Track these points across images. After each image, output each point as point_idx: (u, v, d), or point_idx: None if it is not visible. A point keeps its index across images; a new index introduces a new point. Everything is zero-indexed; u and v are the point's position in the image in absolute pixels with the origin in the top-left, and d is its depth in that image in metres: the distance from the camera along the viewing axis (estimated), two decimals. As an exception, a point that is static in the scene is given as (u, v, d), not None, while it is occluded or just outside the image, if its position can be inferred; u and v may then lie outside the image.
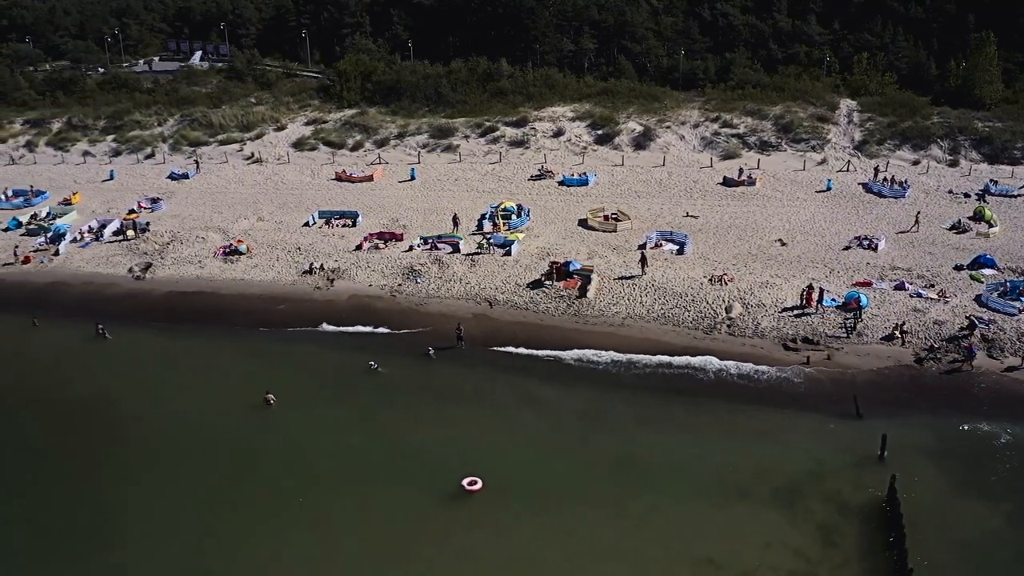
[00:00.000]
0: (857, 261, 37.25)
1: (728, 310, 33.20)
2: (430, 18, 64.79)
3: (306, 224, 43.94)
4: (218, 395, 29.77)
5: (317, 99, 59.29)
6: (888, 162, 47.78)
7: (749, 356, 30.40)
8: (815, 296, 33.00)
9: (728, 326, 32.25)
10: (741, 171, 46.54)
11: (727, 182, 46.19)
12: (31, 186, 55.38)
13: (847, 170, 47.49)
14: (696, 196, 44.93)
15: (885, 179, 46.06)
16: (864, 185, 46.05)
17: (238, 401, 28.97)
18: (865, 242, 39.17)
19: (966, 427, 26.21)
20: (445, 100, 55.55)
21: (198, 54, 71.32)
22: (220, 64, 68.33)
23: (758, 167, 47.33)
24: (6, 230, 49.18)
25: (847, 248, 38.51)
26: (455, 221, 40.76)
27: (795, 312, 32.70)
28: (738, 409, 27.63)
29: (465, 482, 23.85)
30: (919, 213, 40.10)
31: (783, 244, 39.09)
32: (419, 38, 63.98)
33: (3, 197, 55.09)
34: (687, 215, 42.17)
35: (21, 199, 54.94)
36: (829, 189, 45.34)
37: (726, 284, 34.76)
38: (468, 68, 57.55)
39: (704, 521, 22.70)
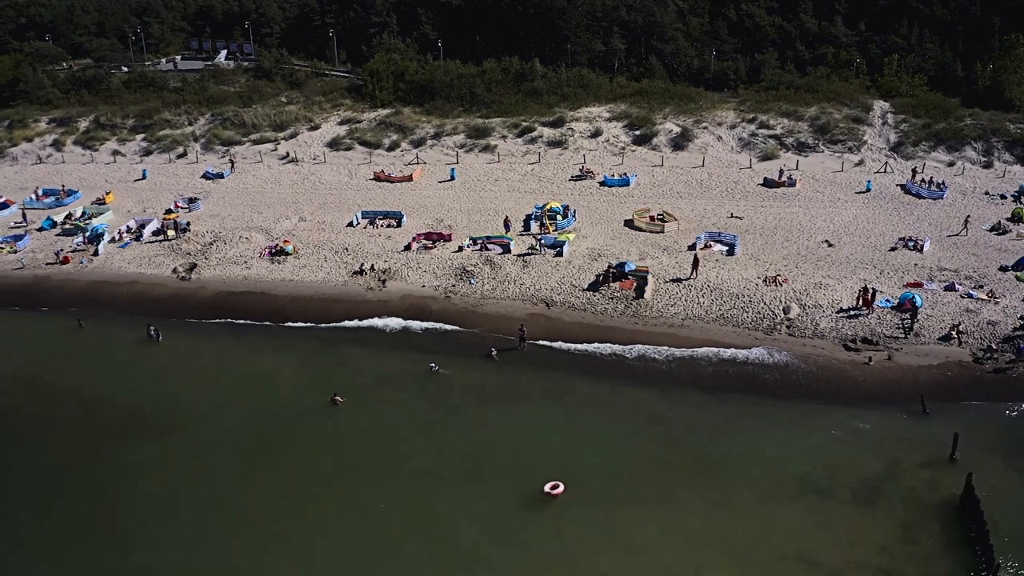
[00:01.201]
0: (904, 262, 37.50)
1: (786, 311, 33.38)
2: (458, 18, 64.73)
3: (350, 224, 43.87)
4: (281, 396, 29.70)
5: (349, 98, 59.11)
6: (924, 164, 48.09)
7: (812, 356, 30.72)
8: (870, 297, 33.32)
9: (788, 327, 32.42)
10: (781, 172, 46.73)
11: (767, 183, 46.39)
12: (62, 185, 55.12)
13: (884, 171, 47.81)
14: (738, 197, 45.10)
15: (923, 180, 46.37)
16: (902, 186, 46.34)
17: (303, 402, 28.94)
18: (911, 243, 39.44)
19: (1033, 425, 26.56)
20: (480, 100, 55.52)
21: (223, 53, 70.98)
22: (246, 63, 68.05)
23: (796, 168, 47.61)
24: (40, 230, 48.92)
25: (893, 249, 38.75)
26: (507, 224, 40.72)
27: (850, 313, 33.01)
28: (806, 408, 27.82)
29: (548, 486, 23.85)
30: (968, 217, 40.38)
31: (830, 245, 39.28)
32: (447, 38, 63.91)
33: (33, 197, 54.91)
34: (731, 216, 42.34)
35: (52, 199, 54.72)
36: (869, 190, 45.60)
37: (780, 285, 34.97)
38: (501, 68, 57.54)
39: (789, 520, 22.86)
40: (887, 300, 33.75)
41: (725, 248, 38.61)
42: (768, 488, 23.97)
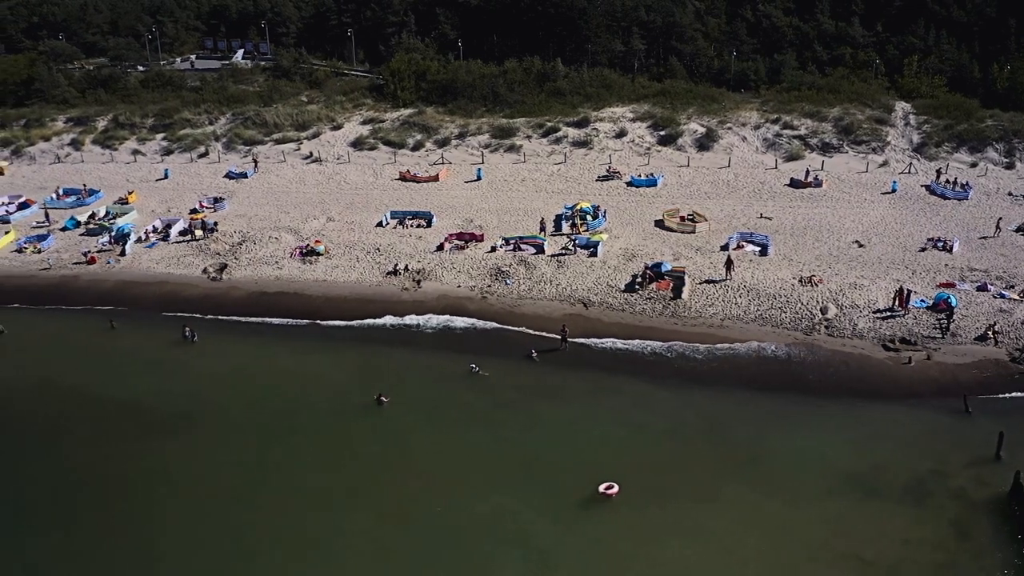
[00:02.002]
0: (935, 263, 37.70)
1: (824, 311, 33.55)
2: (476, 18, 64.76)
3: (379, 224, 43.89)
4: (326, 397, 29.61)
5: (370, 98, 59.09)
6: (948, 164, 48.34)
7: (852, 356, 30.93)
8: (905, 297, 33.51)
9: (826, 327, 32.61)
10: (807, 173, 46.91)
11: (794, 183, 46.56)
12: (84, 185, 54.92)
13: (909, 172, 48.05)
14: (765, 197, 45.27)
15: (947, 181, 46.61)
16: (927, 187, 46.57)
17: (349, 402, 28.91)
18: (940, 243, 39.67)
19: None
20: (502, 100, 55.58)
21: (240, 52, 70.92)
22: (264, 63, 67.96)
23: (822, 169, 47.81)
24: (64, 229, 48.77)
25: (923, 250, 38.96)
26: (543, 225, 40.74)
27: (886, 314, 33.18)
28: (850, 406, 28.02)
29: (602, 487, 23.96)
30: (1000, 219, 40.59)
31: (861, 246, 39.48)
32: (465, 38, 63.92)
33: (54, 196, 54.72)
34: (761, 216, 42.50)
35: (74, 198, 54.57)
36: (894, 191, 45.82)
37: (816, 285, 35.15)
38: (523, 68, 57.61)
39: (841, 519, 23.00)
40: (922, 300, 33.95)
41: (758, 248, 38.79)
42: (819, 486, 24.14)
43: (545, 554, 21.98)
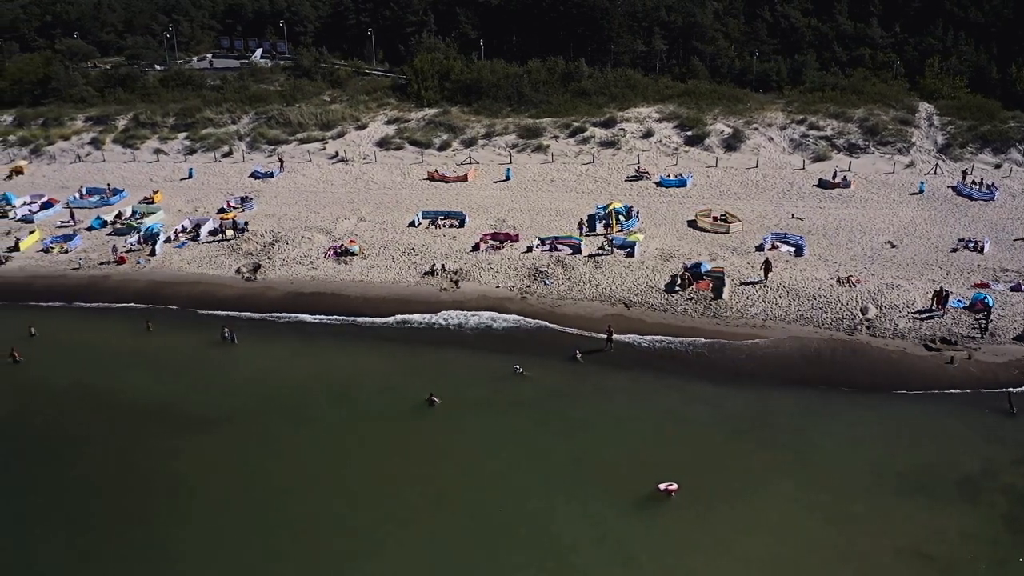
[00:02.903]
0: (967, 263, 37.98)
1: (864, 311, 33.78)
2: (497, 17, 64.77)
3: (411, 224, 43.94)
4: (376, 398, 29.57)
5: (393, 98, 59.07)
6: (973, 165, 48.66)
7: (895, 356, 31.12)
8: (944, 298, 33.77)
9: (867, 327, 32.86)
10: (836, 173, 47.15)
11: (823, 184, 46.79)
12: (108, 184, 54.81)
13: (934, 173, 48.35)
14: (795, 198, 45.48)
15: (973, 182, 46.93)
16: (953, 188, 46.88)
17: (401, 404, 28.84)
18: (970, 244, 39.98)
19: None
20: (527, 100, 55.63)
21: (259, 51, 70.72)
22: (283, 62, 67.83)
23: (849, 169, 48.05)
24: (90, 229, 48.66)
25: (954, 250, 39.23)
26: (581, 226, 40.81)
27: (924, 314, 33.41)
28: (895, 405, 28.32)
29: (661, 485, 24.11)
30: None
31: (893, 246, 39.73)
32: (486, 37, 63.89)
33: (77, 195, 54.56)
34: (792, 217, 42.71)
35: (97, 197, 54.42)
36: (922, 192, 46.11)
37: (854, 286, 35.38)
38: (547, 68, 57.66)
39: (896, 515, 23.27)
40: (959, 301, 34.23)
41: (792, 249, 39.01)
42: (872, 483, 24.43)
43: (613, 553, 22.08)
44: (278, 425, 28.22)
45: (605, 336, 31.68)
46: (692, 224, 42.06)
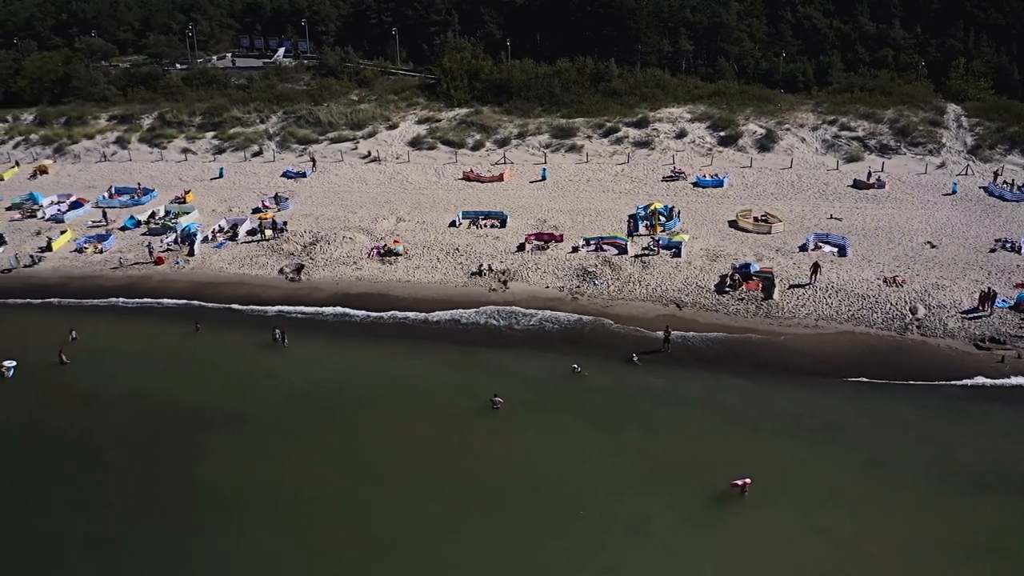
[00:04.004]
0: (1007, 263, 38.39)
1: (913, 311, 34.17)
2: (521, 17, 64.89)
3: (452, 224, 44.04)
4: (438, 400, 29.50)
5: (422, 97, 59.12)
6: (1003, 166, 49.19)
7: (947, 355, 31.49)
8: (991, 298, 34.18)
9: (918, 327, 33.25)
10: (870, 174, 47.55)
11: (857, 184, 47.18)
12: (138, 184, 54.61)
13: (965, 174, 48.84)
14: (831, 198, 45.85)
15: (1005, 183, 47.42)
16: (985, 188, 47.37)
17: (464, 405, 28.83)
18: (1008, 244, 40.43)
19: None
20: (558, 100, 55.79)
21: (282, 50, 70.60)
22: (307, 61, 67.71)
23: (882, 170, 48.47)
24: (123, 229, 48.45)
25: (992, 251, 39.64)
26: (631, 229, 40.95)
27: (971, 314, 33.80)
28: (954, 403, 28.66)
29: (736, 480, 24.22)
30: None
31: (933, 247, 40.14)
32: (511, 37, 63.97)
33: (105, 195, 54.28)
34: (831, 217, 43.08)
35: (127, 197, 54.18)
36: (955, 192, 46.58)
37: (900, 286, 35.76)
38: (576, 68, 57.83)
39: (973, 513, 23.47)
40: (1004, 300, 34.66)
41: (835, 249, 39.36)
42: (942, 482, 24.70)
43: (693, 550, 22.30)
44: (340, 429, 28.07)
45: (662, 336, 31.94)
46: (733, 224, 42.35)
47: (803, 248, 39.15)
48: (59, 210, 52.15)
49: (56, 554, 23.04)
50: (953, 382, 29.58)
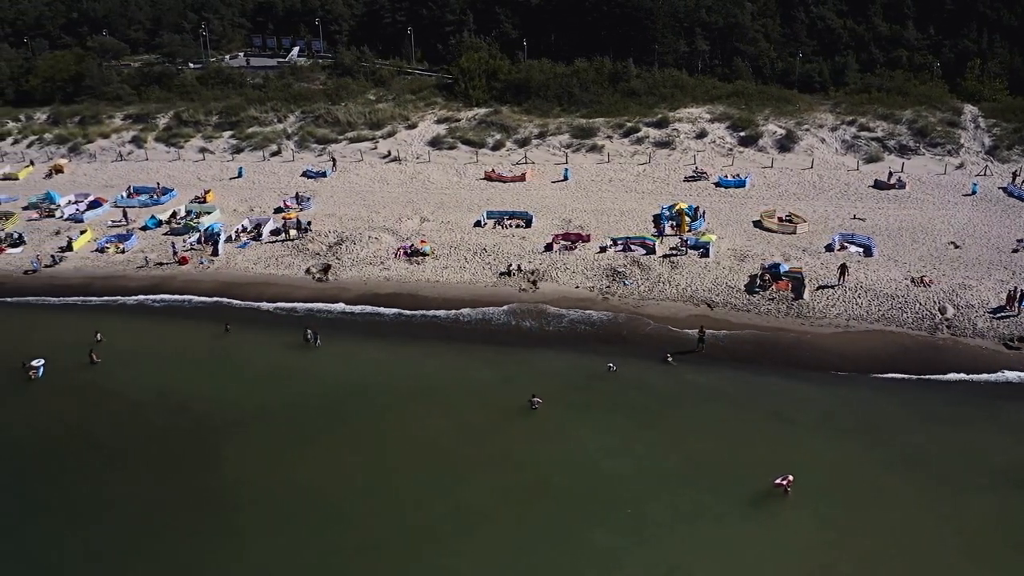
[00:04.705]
0: (1030, 262, 38.83)
1: (942, 311, 34.44)
2: (537, 17, 64.97)
3: (477, 224, 44.14)
4: (476, 400, 29.51)
5: (440, 97, 59.18)
6: (1021, 167, 49.46)
7: (978, 354, 31.67)
8: (1018, 298, 34.47)
9: (948, 326, 33.51)
10: (891, 174, 47.85)
11: (878, 185, 47.44)
12: (158, 183, 54.54)
13: (984, 174, 49.15)
14: (853, 199, 46.08)
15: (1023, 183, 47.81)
16: (1004, 189, 47.68)
17: (503, 406, 28.86)
18: (1030, 244, 40.78)
19: None
20: (577, 100, 55.91)
21: (296, 50, 70.50)
22: (322, 60, 67.65)
23: (902, 170, 48.75)
24: (144, 228, 48.38)
25: (1015, 251, 39.89)
26: (661, 230, 41.11)
27: (998, 313, 34.06)
28: (987, 402, 28.88)
29: (777, 479, 24.48)
30: None
31: (956, 247, 40.41)
32: (527, 37, 64.04)
33: (123, 195, 54.15)
34: (854, 218, 43.32)
35: (146, 196, 54.09)
36: (974, 193, 46.88)
37: (928, 286, 36.03)
38: (594, 68, 57.98)
39: (1013, 510, 23.66)
40: (1031, 300, 34.97)
41: (860, 249, 39.60)
42: (982, 481, 24.85)
43: (737, 549, 22.44)
44: (379, 429, 28.05)
45: (696, 336, 32.11)
46: (758, 224, 42.53)
47: (829, 248, 39.39)
48: (77, 210, 52.06)
49: (91, 553, 23.12)
50: (986, 376, 29.91)
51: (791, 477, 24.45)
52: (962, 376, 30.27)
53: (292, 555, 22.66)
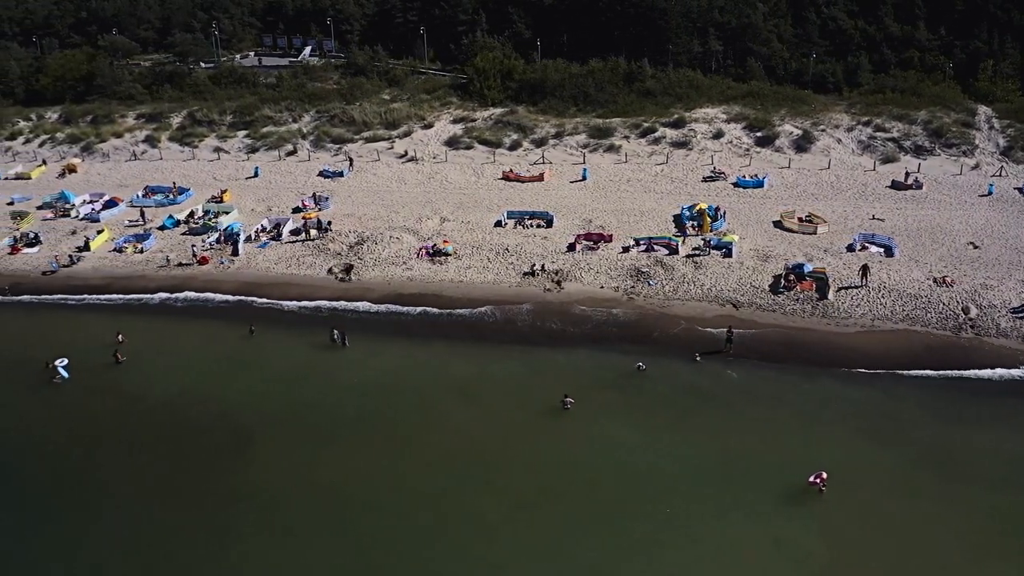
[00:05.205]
0: (1049, 263, 39.09)
1: (966, 311, 34.68)
2: (549, 17, 65.04)
3: (497, 224, 44.22)
4: (508, 400, 29.63)
5: (455, 96, 59.21)
6: (1036, 167, 49.87)
7: (1002, 354, 31.87)
8: (1039, 297, 34.76)
9: (971, 326, 33.75)
10: (907, 175, 48.08)
11: (895, 185, 47.63)
12: (174, 183, 54.47)
13: (1000, 175, 49.42)
14: (871, 199, 46.27)
15: (1039, 184, 48.09)
16: (1020, 190, 47.88)
17: (536, 406, 28.98)
18: (1048, 244, 41.04)
19: None
20: (592, 100, 56.01)
21: (308, 49, 70.43)
22: (335, 60, 67.61)
23: (919, 171, 48.99)
24: (162, 228, 48.33)
25: (1034, 251, 40.37)
26: (689, 224, 41.30)
27: (1019, 312, 34.33)
28: (1017, 402, 29.01)
29: (811, 477, 24.70)
30: None
31: (975, 247, 40.65)
32: (539, 37, 64.14)
33: (139, 194, 54.05)
34: (873, 218, 43.53)
35: (161, 196, 54.01)
36: (991, 193, 47.13)
37: (950, 286, 36.26)
38: (609, 68, 58.09)
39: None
40: (1053, 300, 35.24)
41: (881, 249, 39.83)
42: (1016, 480, 25.00)
43: (776, 548, 22.68)
44: (413, 431, 28.09)
45: (724, 336, 32.25)
46: (778, 225, 42.70)
47: (851, 248, 39.57)
48: (93, 209, 52.00)
49: (124, 552, 23.31)
50: (1013, 372, 30.26)
51: (824, 475, 24.69)
52: (988, 373, 30.50)
53: (328, 554, 22.83)
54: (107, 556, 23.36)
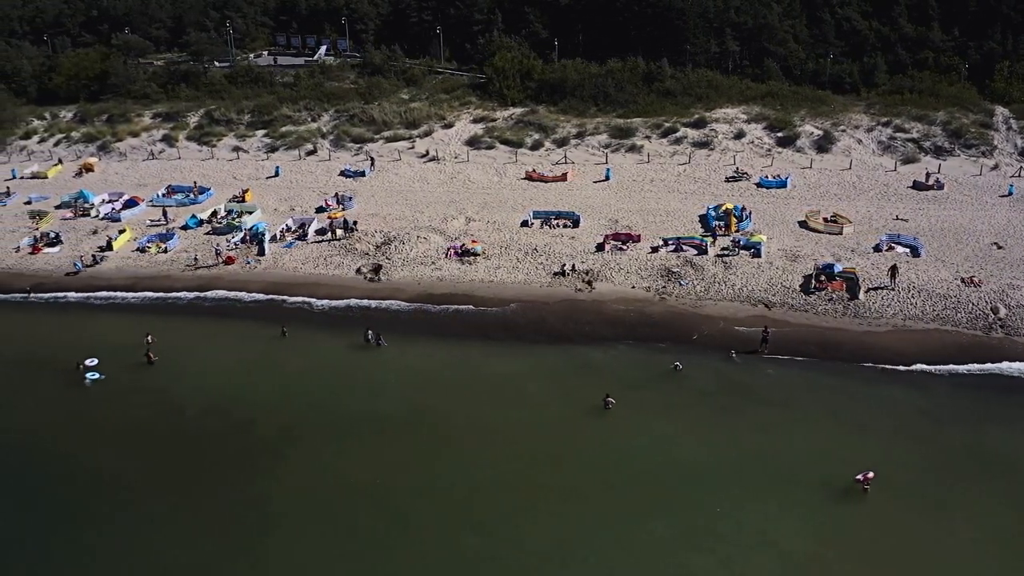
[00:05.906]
0: (1072, 264, 39.45)
1: (995, 311, 35.00)
2: (566, 16, 65.14)
3: (524, 224, 44.36)
4: (549, 401, 29.76)
5: (474, 96, 59.26)
6: (1054, 168, 50.22)
7: (1035, 355, 32.42)
8: (1067, 297, 35.10)
9: (1001, 326, 34.08)
10: (928, 175, 48.41)
11: (916, 186, 47.95)
12: (195, 182, 54.42)
13: (1019, 175, 49.78)
14: (893, 199, 46.57)
15: (1057, 184, 48.44)
16: (1037, 190, 48.45)
17: (578, 406, 29.14)
18: (1071, 245, 41.40)
19: None
20: (613, 100, 56.14)
21: (323, 48, 70.33)
22: (351, 60, 67.55)
23: (939, 171, 49.33)
24: (184, 228, 48.27)
25: (1057, 251, 40.73)
26: (715, 231, 41.43)
27: (1046, 313, 34.76)
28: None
29: (859, 476, 25.00)
30: None
31: (999, 248, 40.99)
32: (555, 36, 64.24)
33: (159, 194, 53.94)
34: (897, 218, 43.83)
35: (182, 195, 53.92)
36: (1011, 194, 47.49)
37: (978, 286, 36.57)
38: (628, 68, 58.27)
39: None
40: (1080, 300, 35.57)
41: (907, 250, 40.12)
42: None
43: (825, 546, 22.88)
44: (459, 431, 28.24)
45: (760, 336, 32.45)
46: (803, 225, 42.98)
47: (877, 248, 39.87)
48: (113, 209, 51.94)
49: (163, 550, 23.47)
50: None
51: (871, 474, 24.97)
52: (1020, 368, 30.81)
53: (369, 553, 23.02)
54: (153, 558, 23.42)
